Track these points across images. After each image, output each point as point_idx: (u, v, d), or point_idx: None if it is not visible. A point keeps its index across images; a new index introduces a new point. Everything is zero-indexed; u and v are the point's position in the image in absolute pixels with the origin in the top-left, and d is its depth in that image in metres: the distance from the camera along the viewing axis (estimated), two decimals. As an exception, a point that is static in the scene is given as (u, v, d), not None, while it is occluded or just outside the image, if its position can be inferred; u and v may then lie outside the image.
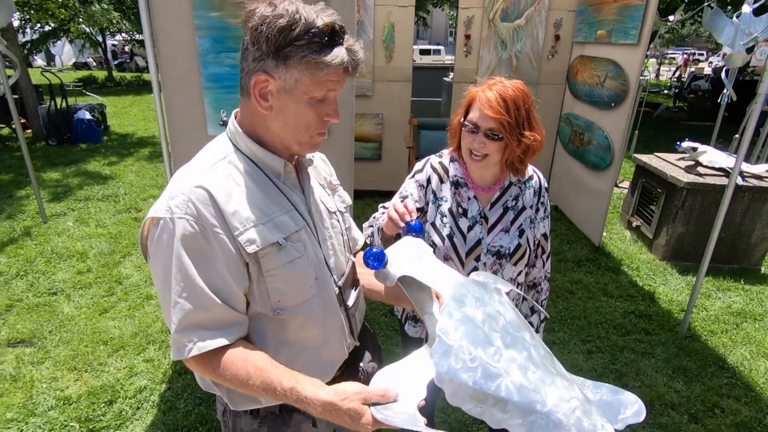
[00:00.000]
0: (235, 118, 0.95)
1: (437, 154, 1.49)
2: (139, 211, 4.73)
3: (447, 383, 0.80)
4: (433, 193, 1.42)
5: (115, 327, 2.84)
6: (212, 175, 0.86)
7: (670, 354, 2.71)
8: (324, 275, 0.98)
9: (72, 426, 2.13)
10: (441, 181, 1.42)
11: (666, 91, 15.33)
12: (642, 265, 3.76)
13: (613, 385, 0.96)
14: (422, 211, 1.43)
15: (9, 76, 4.12)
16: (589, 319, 3.02)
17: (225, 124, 0.97)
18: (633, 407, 0.91)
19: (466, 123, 1.31)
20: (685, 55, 21.51)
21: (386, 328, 2.90)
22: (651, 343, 2.81)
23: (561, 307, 3.15)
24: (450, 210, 1.40)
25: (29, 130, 7.53)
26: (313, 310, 0.96)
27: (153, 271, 0.88)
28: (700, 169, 3.76)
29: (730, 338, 2.88)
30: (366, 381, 1.13)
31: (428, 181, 1.43)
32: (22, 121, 6.84)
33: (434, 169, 1.43)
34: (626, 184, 5.33)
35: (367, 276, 1.19)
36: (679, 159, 4.03)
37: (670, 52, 23.64)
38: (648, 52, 3.50)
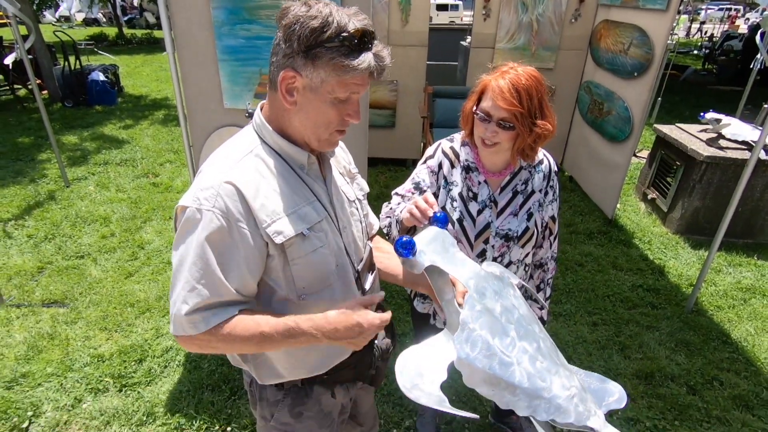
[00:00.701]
0: (261, 110, 0.98)
1: (448, 138, 1.50)
2: (156, 176, 4.83)
3: (465, 367, 0.90)
4: (444, 178, 1.45)
5: (140, 290, 3.00)
6: (241, 170, 0.91)
7: (674, 328, 2.78)
8: (344, 262, 1.05)
9: (106, 381, 2.32)
10: (452, 166, 1.45)
11: (696, 52, 14.53)
12: (654, 239, 3.76)
13: (600, 375, 1.09)
14: (434, 195, 1.46)
15: (24, 36, 4.10)
16: (596, 292, 3.09)
17: (250, 116, 1.00)
18: (615, 395, 1.06)
19: (478, 111, 1.31)
20: (729, 11, 20.16)
21: (397, 297, 3.01)
22: (656, 317, 2.87)
23: (569, 279, 3.21)
24: (460, 194, 1.43)
25: (45, 92, 7.58)
26: (333, 294, 1.03)
27: (174, 251, 0.92)
28: (722, 143, 3.67)
29: (736, 314, 2.92)
30: (380, 357, 1.22)
31: (439, 166, 1.45)
32: (38, 82, 6.86)
33: (445, 155, 1.46)
34: (645, 153, 5.22)
35: (383, 260, 1.25)
36: (701, 131, 3.92)
37: (704, 6, 22.14)
38: (680, 8, 3.31)
